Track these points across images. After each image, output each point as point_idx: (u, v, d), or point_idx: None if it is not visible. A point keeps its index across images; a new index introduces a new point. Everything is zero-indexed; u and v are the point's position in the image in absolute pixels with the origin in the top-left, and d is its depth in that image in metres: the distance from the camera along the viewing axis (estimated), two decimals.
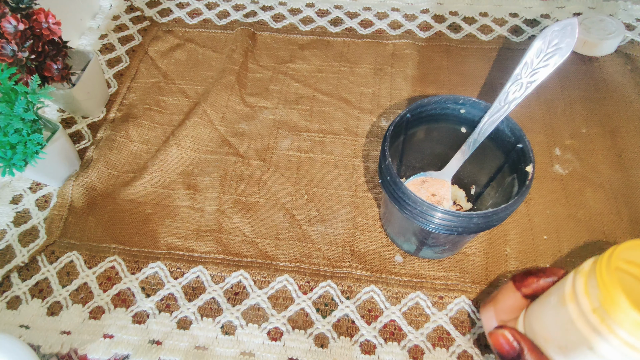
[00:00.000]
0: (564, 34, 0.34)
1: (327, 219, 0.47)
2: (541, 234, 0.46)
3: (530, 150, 0.36)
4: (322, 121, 0.55)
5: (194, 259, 0.45)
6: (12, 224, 0.48)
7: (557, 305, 0.29)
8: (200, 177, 0.51)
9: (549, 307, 0.30)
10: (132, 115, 0.56)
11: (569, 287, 0.28)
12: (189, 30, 0.65)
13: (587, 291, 0.27)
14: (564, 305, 0.28)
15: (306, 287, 0.43)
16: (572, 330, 0.27)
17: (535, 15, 0.64)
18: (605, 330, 0.25)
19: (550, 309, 0.30)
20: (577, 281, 0.28)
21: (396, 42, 0.62)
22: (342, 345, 0.40)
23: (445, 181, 0.42)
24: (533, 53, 0.35)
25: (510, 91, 0.36)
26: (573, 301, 0.27)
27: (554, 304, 0.29)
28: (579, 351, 0.27)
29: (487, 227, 0.33)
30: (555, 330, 0.29)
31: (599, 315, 0.26)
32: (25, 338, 0.41)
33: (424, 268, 0.44)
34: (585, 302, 0.26)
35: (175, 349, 0.40)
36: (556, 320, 0.29)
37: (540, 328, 0.31)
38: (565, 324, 0.28)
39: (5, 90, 0.41)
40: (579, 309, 0.27)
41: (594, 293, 0.26)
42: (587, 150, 0.51)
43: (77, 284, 0.44)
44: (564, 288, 0.29)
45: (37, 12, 0.44)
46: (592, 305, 0.26)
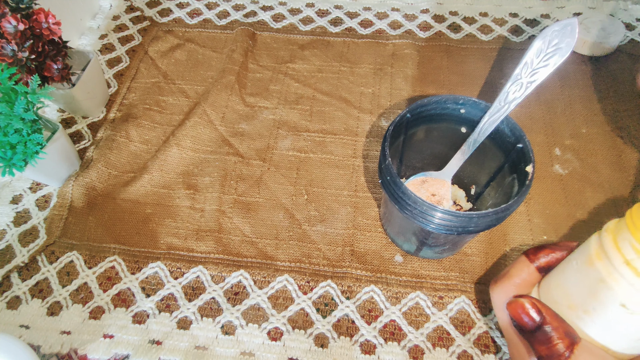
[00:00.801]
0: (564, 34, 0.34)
1: (327, 219, 0.47)
2: (541, 234, 0.46)
3: (530, 150, 0.36)
4: (322, 121, 0.55)
5: (194, 259, 0.45)
6: (12, 224, 0.48)
7: (582, 267, 0.28)
8: (200, 177, 0.51)
9: (571, 272, 0.29)
10: (132, 115, 0.56)
11: (594, 247, 0.28)
12: (189, 30, 0.65)
13: (618, 245, 0.26)
14: (591, 264, 0.27)
15: (306, 287, 0.43)
16: (602, 290, 0.26)
17: (535, 15, 0.64)
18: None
19: (573, 273, 0.29)
20: (604, 239, 0.27)
21: (396, 42, 0.62)
22: (342, 345, 0.40)
23: (445, 181, 0.42)
24: (533, 53, 0.35)
25: (510, 91, 0.36)
26: (601, 259, 0.27)
27: (577, 267, 0.28)
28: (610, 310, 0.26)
29: (487, 227, 0.33)
30: (580, 293, 0.28)
31: (633, 267, 0.25)
32: (25, 338, 0.41)
33: (424, 268, 0.44)
34: (617, 257, 0.26)
35: (175, 349, 0.40)
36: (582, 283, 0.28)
37: (562, 295, 0.29)
38: (594, 284, 0.27)
39: (5, 90, 0.41)
40: (609, 265, 0.26)
41: (626, 246, 0.25)
42: (587, 150, 0.51)
43: (77, 284, 0.44)
44: (588, 249, 0.28)
45: (37, 12, 0.44)
46: (624, 258, 0.25)
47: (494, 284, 0.35)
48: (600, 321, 0.27)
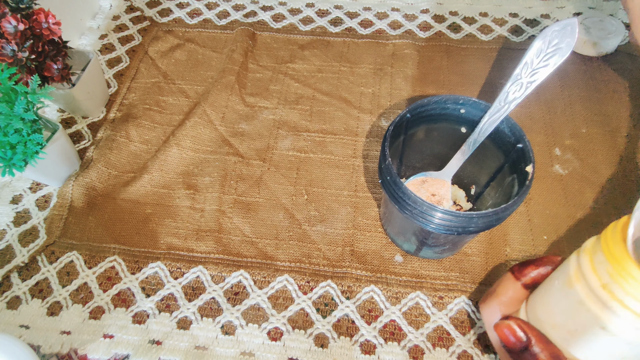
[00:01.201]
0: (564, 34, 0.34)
1: (327, 219, 0.47)
2: (541, 234, 0.46)
3: (530, 150, 0.36)
4: (322, 121, 0.55)
5: (194, 259, 0.45)
6: (12, 224, 0.48)
7: (563, 288, 0.28)
8: (200, 177, 0.51)
9: (553, 292, 0.29)
10: (132, 115, 0.56)
11: (573, 267, 0.27)
12: (189, 30, 0.65)
13: (594, 268, 0.26)
14: (570, 287, 0.27)
15: (306, 287, 0.43)
16: (581, 312, 0.26)
17: (535, 15, 0.64)
18: (618, 306, 0.24)
19: (555, 293, 0.29)
20: (582, 260, 0.27)
21: (396, 42, 0.62)
22: (342, 345, 0.40)
23: (445, 181, 0.42)
24: (533, 53, 0.35)
25: (510, 91, 0.36)
26: (579, 281, 0.26)
27: (558, 287, 0.28)
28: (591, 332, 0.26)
29: (487, 227, 0.33)
30: (563, 314, 0.28)
31: (609, 290, 0.25)
32: (25, 338, 0.41)
33: (424, 268, 0.44)
34: (593, 279, 0.26)
35: (175, 349, 0.40)
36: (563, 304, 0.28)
37: (546, 315, 0.30)
38: (574, 305, 0.27)
39: (5, 90, 0.41)
40: (587, 287, 0.26)
41: (602, 268, 0.25)
42: (587, 150, 0.51)
43: (77, 284, 0.44)
44: (568, 270, 0.28)
45: (37, 12, 0.44)
46: (601, 282, 0.25)
47: (483, 302, 0.35)
48: (583, 343, 0.27)
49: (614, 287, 0.24)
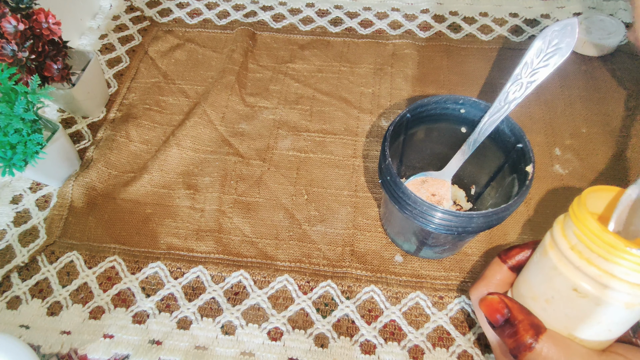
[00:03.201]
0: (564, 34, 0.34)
1: (327, 219, 0.47)
2: (541, 233, 0.46)
3: (530, 150, 0.36)
4: (322, 121, 0.55)
5: (194, 259, 0.45)
6: (12, 224, 0.48)
7: (540, 259, 0.30)
8: (200, 177, 0.51)
9: (531, 265, 0.31)
10: (132, 115, 0.56)
11: (548, 238, 0.30)
12: (189, 30, 0.65)
13: (564, 233, 0.28)
14: (545, 255, 0.29)
15: (306, 287, 0.43)
16: (555, 277, 0.28)
17: (535, 15, 0.64)
18: (585, 264, 0.26)
19: (533, 266, 0.31)
20: (554, 229, 0.29)
21: (396, 42, 0.62)
22: (342, 345, 0.40)
23: (445, 181, 0.42)
24: (533, 53, 0.35)
25: (510, 91, 0.36)
26: (553, 248, 0.29)
27: (536, 260, 0.30)
28: (565, 297, 0.28)
29: (487, 227, 0.33)
30: (539, 284, 0.30)
31: (577, 250, 0.27)
32: (25, 338, 0.41)
33: (424, 268, 0.44)
34: (563, 243, 0.28)
35: (175, 349, 0.40)
36: (540, 274, 0.30)
37: (526, 289, 0.31)
38: (549, 272, 0.29)
39: (5, 90, 0.41)
40: (558, 252, 0.28)
41: (570, 232, 0.27)
42: (587, 150, 0.51)
43: (77, 284, 0.44)
44: (544, 242, 0.30)
45: (37, 12, 0.44)
46: (569, 244, 0.27)
47: (473, 287, 0.36)
48: (560, 309, 0.29)
49: (581, 246, 0.26)
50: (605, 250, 0.25)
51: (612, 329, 0.28)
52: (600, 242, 0.25)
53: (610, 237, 0.25)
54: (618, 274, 0.25)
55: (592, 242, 0.26)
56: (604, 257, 0.25)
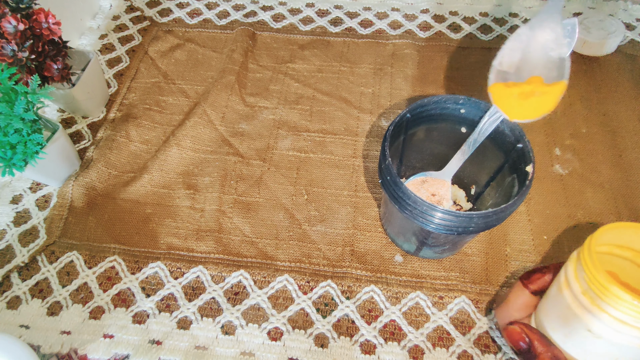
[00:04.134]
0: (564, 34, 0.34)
1: (327, 219, 0.47)
2: (541, 234, 0.46)
3: (530, 150, 0.36)
4: (322, 121, 0.55)
5: (194, 259, 0.45)
6: (12, 224, 0.48)
7: (556, 294, 0.31)
8: (200, 177, 0.51)
9: (550, 298, 0.32)
10: (132, 115, 0.56)
11: (562, 275, 0.30)
12: (189, 30, 0.65)
13: (577, 276, 0.29)
14: (561, 292, 0.30)
15: (306, 287, 0.43)
16: (570, 315, 0.29)
17: (535, 15, 0.64)
18: (597, 310, 0.27)
19: (551, 299, 0.31)
20: (568, 268, 0.30)
21: (396, 42, 0.62)
22: (342, 345, 0.40)
23: (445, 181, 0.42)
24: None
25: None
26: (567, 287, 0.29)
27: (554, 294, 0.31)
28: (580, 335, 0.29)
29: (487, 227, 0.33)
30: (557, 318, 0.31)
31: (589, 296, 0.27)
32: (25, 338, 0.41)
33: (424, 268, 0.44)
34: (576, 286, 0.28)
35: (175, 349, 0.40)
36: (557, 308, 0.30)
37: (546, 319, 0.32)
38: (564, 310, 0.29)
39: (5, 90, 0.41)
40: (572, 293, 0.29)
41: (582, 276, 0.28)
42: (587, 150, 0.51)
43: (77, 284, 0.44)
44: (560, 278, 0.31)
45: (37, 12, 0.44)
46: (582, 288, 0.28)
47: (497, 309, 0.37)
48: (576, 344, 0.29)
49: (592, 293, 0.27)
50: (614, 301, 0.26)
51: None
52: (609, 293, 0.26)
53: (618, 290, 0.26)
54: (629, 322, 0.26)
55: (601, 292, 0.26)
56: (614, 307, 0.26)
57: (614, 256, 0.32)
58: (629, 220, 0.46)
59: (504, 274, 0.43)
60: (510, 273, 0.44)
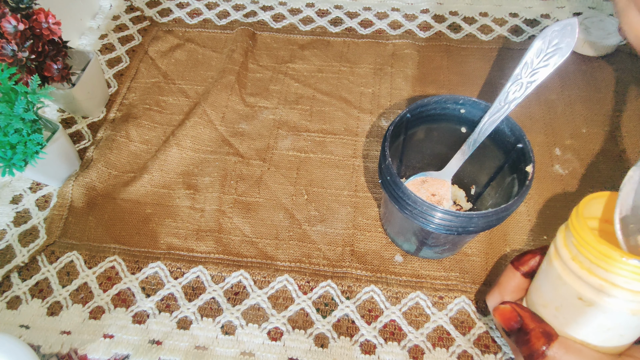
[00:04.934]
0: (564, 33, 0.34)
1: (327, 219, 0.47)
2: (541, 234, 0.46)
3: (530, 150, 0.36)
4: (322, 121, 0.55)
5: (194, 259, 0.45)
6: (12, 224, 0.48)
7: (547, 268, 0.30)
8: (200, 177, 0.51)
9: (541, 274, 0.32)
10: (132, 115, 0.56)
11: (552, 247, 0.30)
12: (189, 30, 0.65)
13: (566, 243, 0.29)
14: (550, 264, 0.30)
15: (306, 287, 0.43)
16: (560, 286, 0.29)
17: (535, 15, 0.64)
18: (586, 274, 0.27)
19: (542, 274, 0.31)
20: (557, 238, 0.30)
21: (396, 42, 0.62)
22: (342, 345, 0.40)
23: (445, 181, 0.42)
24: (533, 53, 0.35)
25: (510, 91, 0.36)
26: (557, 257, 0.29)
27: (544, 268, 0.31)
28: (571, 305, 0.28)
29: (487, 227, 0.33)
30: (548, 292, 0.30)
31: (578, 261, 0.27)
32: (25, 338, 0.41)
33: (424, 268, 0.44)
34: (565, 254, 0.28)
35: (175, 349, 0.40)
36: (547, 282, 0.30)
37: (537, 296, 0.32)
38: (555, 281, 0.29)
39: (5, 90, 0.41)
40: (561, 262, 0.29)
41: (570, 242, 0.28)
42: (587, 150, 0.51)
43: (77, 284, 0.44)
44: (550, 251, 0.30)
45: (37, 12, 0.44)
46: (571, 254, 0.28)
47: (489, 294, 0.37)
48: (569, 316, 0.29)
49: (581, 257, 0.27)
50: (603, 261, 0.26)
51: (624, 334, 0.28)
52: (597, 253, 0.26)
53: (605, 248, 0.25)
54: (619, 283, 0.25)
55: (590, 253, 0.26)
56: (603, 267, 0.26)
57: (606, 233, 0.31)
58: None
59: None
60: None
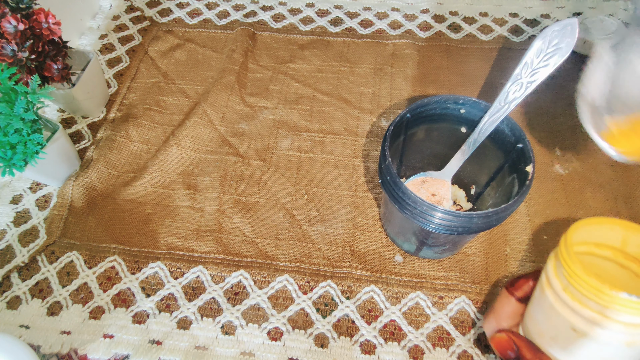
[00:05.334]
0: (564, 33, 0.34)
1: (327, 219, 0.47)
2: (541, 234, 0.46)
3: (530, 150, 0.36)
4: (322, 121, 0.55)
5: (194, 259, 0.45)
6: (12, 224, 0.48)
7: (539, 296, 0.30)
8: (200, 177, 0.51)
9: (534, 301, 0.31)
10: (132, 115, 0.56)
11: (544, 275, 0.30)
12: (189, 30, 0.65)
13: (556, 273, 0.28)
14: (543, 293, 0.29)
15: (306, 287, 0.43)
16: (554, 315, 0.28)
17: (535, 15, 0.64)
18: (578, 306, 0.27)
19: (535, 302, 0.31)
20: (548, 267, 0.29)
21: (396, 42, 0.62)
22: (342, 345, 0.40)
23: (445, 181, 0.42)
24: (533, 53, 0.35)
25: (510, 91, 0.36)
26: (548, 287, 0.29)
27: (537, 296, 0.31)
28: (565, 335, 0.28)
29: (487, 227, 0.33)
30: (542, 321, 0.30)
31: (569, 292, 0.27)
32: (25, 338, 0.41)
33: (424, 268, 0.44)
34: (556, 283, 0.28)
35: (175, 349, 0.40)
36: (541, 311, 0.30)
37: (532, 324, 0.31)
38: (548, 310, 0.29)
39: (5, 90, 0.41)
40: (553, 292, 0.28)
41: (561, 272, 0.28)
42: (587, 150, 0.51)
43: (77, 284, 0.44)
44: (542, 278, 0.30)
45: (37, 12, 0.44)
46: (562, 285, 0.28)
47: (485, 319, 0.37)
48: (565, 346, 0.29)
49: (572, 289, 0.27)
50: (593, 294, 0.25)
51: None
52: (587, 286, 0.26)
53: (595, 282, 0.25)
54: (611, 315, 0.25)
55: (580, 285, 0.26)
56: (594, 300, 0.26)
57: (595, 256, 0.31)
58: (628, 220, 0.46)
59: (504, 274, 0.43)
60: (511, 273, 0.44)
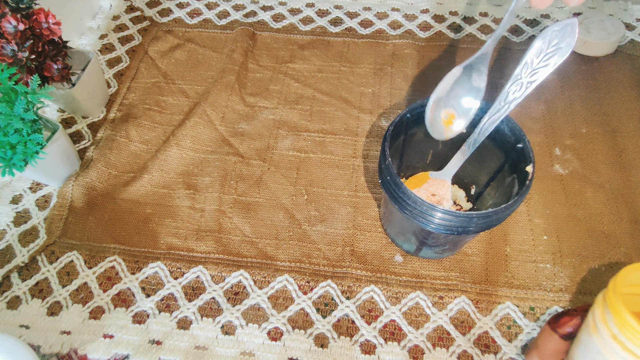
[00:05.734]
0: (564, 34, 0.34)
1: (327, 219, 0.47)
2: (541, 234, 0.46)
3: (530, 150, 0.36)
4: (322, 121, 0.55)
5: (194, 259, 0.45)
6: (12, 224, 0.48)
7: (586, 339, 0.29)
8: (200, 177, 0.51)
9: (581, 344, 0.30)
10: (132, 115, 0.56)
11: (591, 319, 0.29)
12: (189, 30, 0.65)
13: (604, 319, 0.27)
14: (590, 338, 0.28)
15: (306, 287, 0.43)
16: None
17: (535, 15, 0.64)
18: (630, 356, 0.25)
19: (582, 345, 0.30)
20: (595, 312, 0.28)
21: (396, 42, 0.62)
22: (342, 345, 0.40)
23: (445, 181, 0.42)
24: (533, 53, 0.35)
25: (510, 91, 0.36)
26: (596, 332, 0.28)
27: (584, 339, 0.30)
28: None
29: (487, 227, 0.33)
30: None
31: (619, 341, 0.26)
32: (25, 338, 0.41)
33: (424, 268, 0.44)
34: (605, 330, 0.27)
35: (175, 349, 0.40)
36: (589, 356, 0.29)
37: None
38: (596, 356, 0.28)
39: (5, 90, 0.41)
40: (601, 339, 0.27)
41: (610, 320, 0.26)
42: (587, 150, 0.51)
43: (77, 284, 0.44)
44: (588, 321, 0.29)
45: (37, 12, 0.44)
46: (611, 333, 0.26)
47: (526, 356, 0.36)
48: None
49: (622, 338, 0.26)
50: None
51: None
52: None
53: None
54: None
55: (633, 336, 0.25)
56: None
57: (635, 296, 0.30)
58: (628, 220, 0.46)
59: (504, 274, 0.44)
60: (510, 273, 0.44)
